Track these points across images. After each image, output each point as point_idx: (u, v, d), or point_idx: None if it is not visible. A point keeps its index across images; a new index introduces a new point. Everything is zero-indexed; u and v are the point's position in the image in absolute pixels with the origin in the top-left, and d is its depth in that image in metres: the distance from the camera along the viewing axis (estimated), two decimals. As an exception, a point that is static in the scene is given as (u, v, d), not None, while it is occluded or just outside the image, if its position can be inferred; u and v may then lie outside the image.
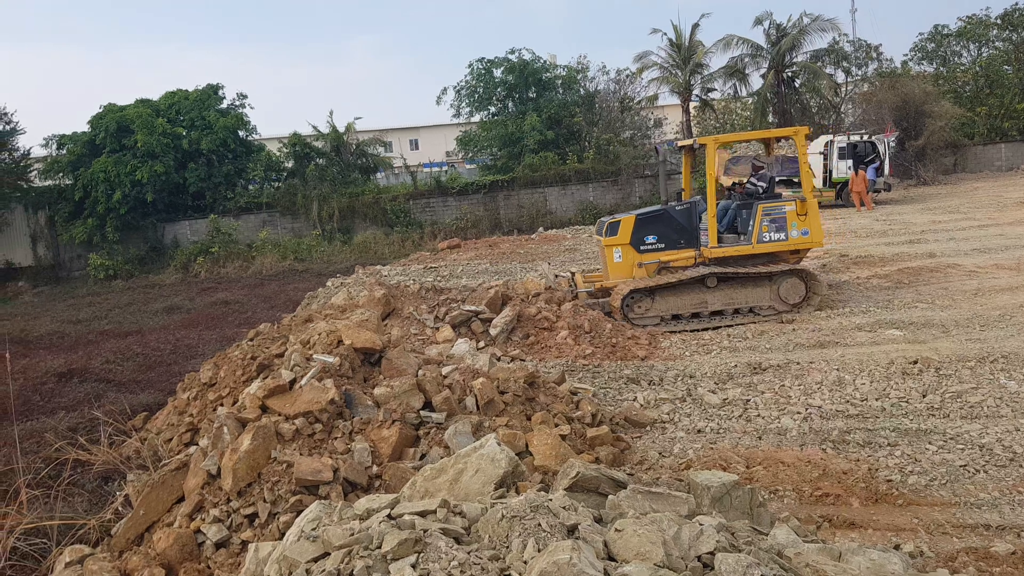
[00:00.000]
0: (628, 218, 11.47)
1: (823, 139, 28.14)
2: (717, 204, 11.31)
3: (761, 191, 11.64)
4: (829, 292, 11.96)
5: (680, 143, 12.65)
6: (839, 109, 37.88)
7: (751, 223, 11.03)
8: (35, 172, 32.70)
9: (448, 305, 10.46)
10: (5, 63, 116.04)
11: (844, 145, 26.79)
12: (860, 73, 39.27)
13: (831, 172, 26.93)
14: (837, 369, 8.08)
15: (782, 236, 10.99)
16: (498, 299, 10.40)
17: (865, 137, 27.53)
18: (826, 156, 27.04)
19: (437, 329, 9.82)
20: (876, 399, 7.25)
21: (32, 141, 64.28)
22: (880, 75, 38.29)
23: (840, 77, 38.31)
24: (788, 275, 10.97)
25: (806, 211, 10.97)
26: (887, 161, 26.93)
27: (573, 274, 12.60)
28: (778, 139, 13.62)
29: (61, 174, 31.62)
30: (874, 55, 39.67)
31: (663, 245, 11.25)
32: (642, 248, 11.28)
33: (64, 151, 31.53)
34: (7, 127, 31.15)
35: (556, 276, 12.20)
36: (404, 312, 10.41)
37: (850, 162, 26.40)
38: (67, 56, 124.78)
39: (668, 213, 11.39)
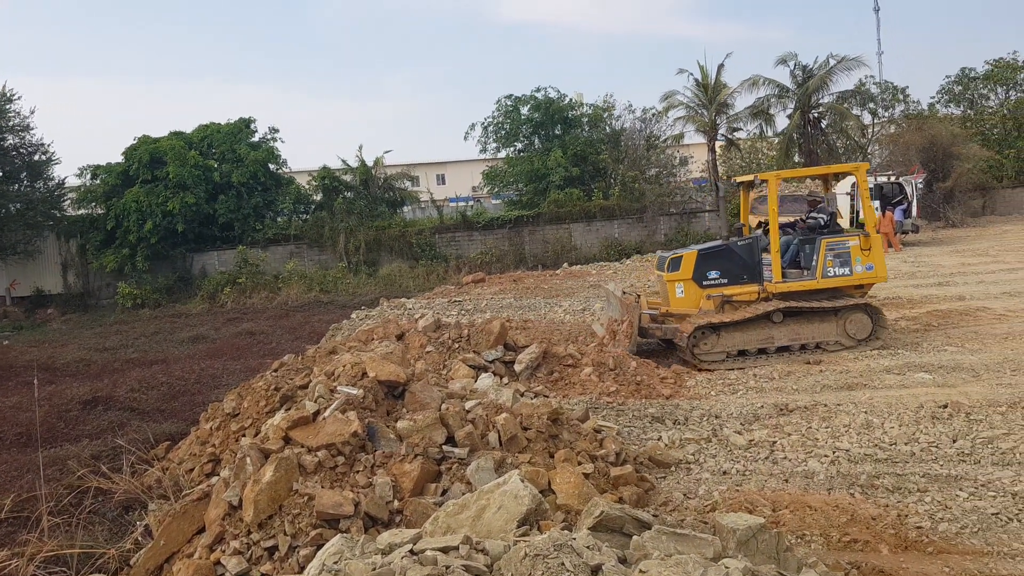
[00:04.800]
0: (690, 253, 11.45)
1: (849, 180, 28.00)
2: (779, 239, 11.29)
3: (823, 222, 11.57)
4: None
5: (739, 179, 12.66)
6: (866, 150, 37.77)
7: (815, 257, 10.98)
8: (68, 201, 33.44)
9: (451, 345, 10.29)
10: (43, 95, 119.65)
11: (871, 186, 26.67)
12: (887, 114, 39.27)
13: (858, 213, 26.78)
14: (865, 412, 7.94)
15: (846, 271, 10.94)
16: (504, 334, 10.28)
17: (892, 178, 27.40)
18: (853, 197, 26.93)
19: (448, 370, 9.68)
20: (905, 443, 7.11)
21: (67, 171, 66.19)
22: (907, 117, 38.20)
23: (867, 118, 38.28)
24: (854, 310, 10.88)
25: (870, 246, 10.93)
26: (915, 203, 26.75)
27: (639, 295, 12.46)
28: (836, 175, 13.51)
29: (94, 203, 32.30)
30: (901, 97, 39.67)
31: (726, 280, 11.22)
32: (704, 283, 11.25)
33: (98, 181, 32.25)
34: (43, 157, 31.96)
35: (624, 292, 12.05)
36: (412, 349, 10.29)
37: (877, 203, 26.25)
38: (103, 89, 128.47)
39: (730, 248, 11.38)
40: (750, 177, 12.05)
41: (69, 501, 6.54)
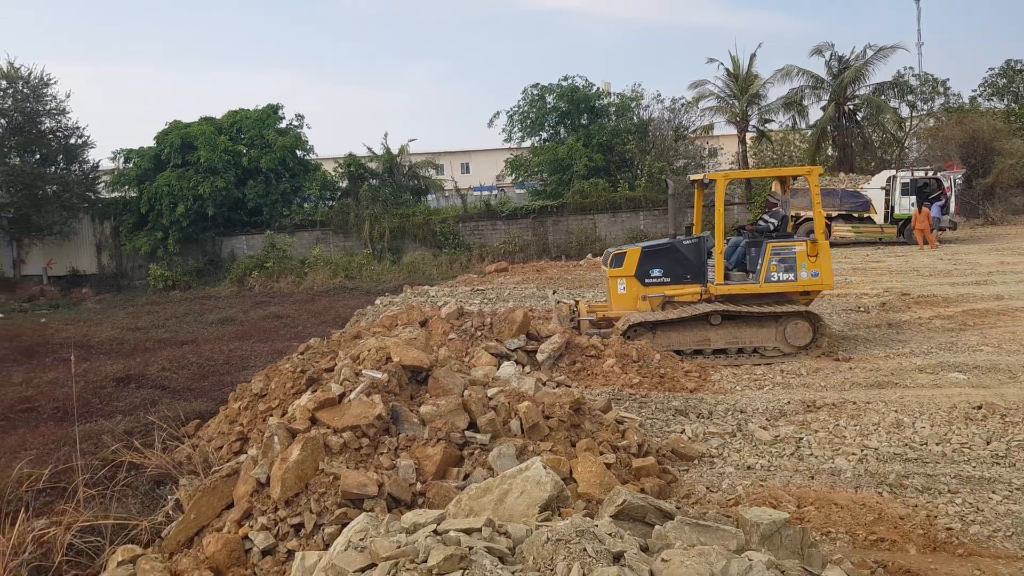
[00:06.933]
0: (634, 250, 11.33)
1: (885, 174, 27.56)
2: (727, 241, 11.10)
3: (772, 228, 11.39)
4: (837, 337, 11.55)
5: (692, 177, 12.51)
6: (903, 144, 37.11)
7: (760, 262, 10.76)
8: (103, 184, 34.05)
9: (473, 333, 10.27)
10: (80, 80, 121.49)
11: (907, 181, 26.20)
12: (926, 108, 38.48)
13: (893, 208, 26.34)
14: (896, 411, 7.82)
15: (791, 277, 10.69)
16: (527, 323, 10.23)
17: (930, 173, 26.87)
18: (888, 192, 26.47)
19: (471, 358, 9.68)
20: (937, 444, 6.98)
21: (101, 155, 67.46)
22: (947, 110, 37.42)
23: (904, 111, 37.57)
24: (795, 317, 10.64)
25: (817, 252, 10.68)
26: (953, 199, 26.22)
27: (576, 302, 12.41)
28: (794, 177, 13.21)
29: (127, 187, 32.88)
30: (941, 89, 38.82)
31: (669, 279, 11.07)
32: (647, 281, 11.11)
33: (131, 165, 32.77)
34: (79, 141, 32.56)
35: (558, 302, 12.01)
36: (435, 335, 10.28)
37: (913, 198, 25.80)
38: (136, 75, 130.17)
39: (675, 247, 11.21)
40: (700, 176, 11.97)
41: (104, 474, 6.67)
